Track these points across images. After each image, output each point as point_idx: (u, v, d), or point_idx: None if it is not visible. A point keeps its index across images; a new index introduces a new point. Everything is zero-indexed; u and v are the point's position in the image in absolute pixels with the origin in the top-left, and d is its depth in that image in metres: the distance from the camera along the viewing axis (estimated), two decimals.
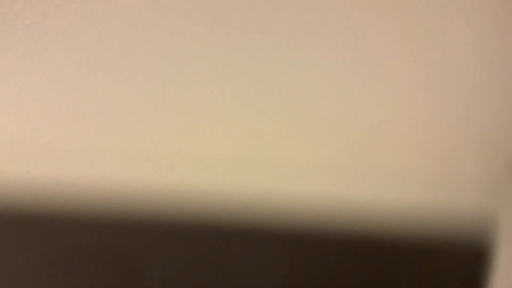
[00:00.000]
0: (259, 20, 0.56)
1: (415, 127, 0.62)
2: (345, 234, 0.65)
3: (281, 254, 0.65)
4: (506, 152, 0.63)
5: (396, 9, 0.57)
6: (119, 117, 0.59)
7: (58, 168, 0.61)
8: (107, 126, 0.59)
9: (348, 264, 0.67)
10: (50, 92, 0.57)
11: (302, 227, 0.65)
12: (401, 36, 0.58)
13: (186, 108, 0.59)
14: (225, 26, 0.56)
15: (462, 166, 0.64)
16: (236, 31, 0.57)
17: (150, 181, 0.62)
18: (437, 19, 0.58)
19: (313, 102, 0.60)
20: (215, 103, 0.59)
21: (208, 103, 0.59)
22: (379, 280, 0.67)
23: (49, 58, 0.56)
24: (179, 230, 0.64)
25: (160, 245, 0.64)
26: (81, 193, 0.61)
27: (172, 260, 0.65)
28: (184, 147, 0.61)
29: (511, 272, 0.64)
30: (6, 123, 0.58)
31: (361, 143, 0.62)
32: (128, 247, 0.64)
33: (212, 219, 0.64)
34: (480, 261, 0.66)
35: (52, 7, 0.54)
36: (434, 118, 0.62)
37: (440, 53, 0.59)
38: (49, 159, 0.60)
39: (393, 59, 0.59)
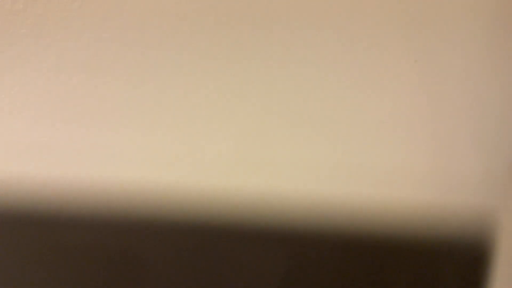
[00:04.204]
0: (259, 19, 0.56)
1: (415, 126, 0.62)
2: (345, 234, 0.65)
3: (281, 254, 0.65)
4: (506, 152, 0.63)
5: (396, 9, 0.57)
6: (119, 117, 0.59)
7: (58, 168, 0.60)
8: (107, 126, 0.59)
9: (347, 264, 0.66)
10: (50, 92, 0.57)
11: (301, 227, 0.65)
12: (401, 36, 0.58)
13: (186, 108, 0.59)
14: (225, 25, 0.56)
15: (462, 166, 0.64)
16: (236, 30, 0.57)
17: (150, 181, 0.62)
18: (437, 19, 0.58)
19: (313, 101, 0.60)
20: (215, 102, 0.59)
21: (208, 102, 0.59)
22: (378, 280, 0.67)
23: (49, 58, 0.56)
24: (179, 230, 0.64)
25: (160, 245, 0.64)
26: (81, 193, 0.61)
27: (172, 260, 0.65)
28: (183, 147, 0.61)
29: (511, 272, 0.64)
30: (6, 123, 0.58)
31: (361, 143, 0.62)
32: (128, 247, 0.64)
33: (212, 219, 0.64)
34: (480, 261, 0.66)
35: (52, 7, 0.54)
36: (434, 118, 0.62)
37: (440, 53, 0.59)
38: (49, 159, 0.60)
39: (393, 59, 0.59)
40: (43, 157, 0.60)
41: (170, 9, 0.55)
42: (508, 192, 0.65)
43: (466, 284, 0.67)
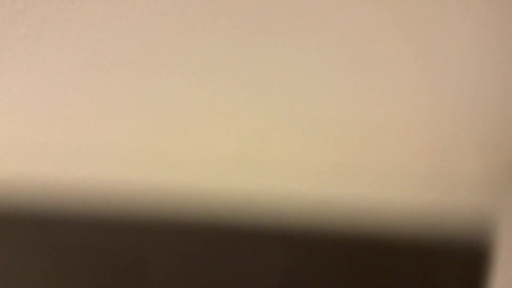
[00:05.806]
0: (259, 19, 0.56)
1: (415, 127, 0.62)
2: (345, 234, 0.65)
3: (281, 254, 0.65)
4: (506, 152, 0.63)
5: (396, 9, 0.57)
6: (119, 117, 0.59)
7: (58, 168, 0.60)
8: (107, 126, 0.59)
9: (347, 264, 0.67)
10: (50, 92, 0.57)
11: (301, 227, 0.65)
12: (401, 36, 0.58)
13: (186, 108, 0.59)
14: (225, 26, 0.56)
15: (462, 166, 0.64)
16: (235, 31, 0.57)
17: (150, 181, 0.62)
18: (437, 19, 0.58)
19: (313, 102, 0.60)
20: (215, 103, 0.59)
21: (208, 103, 0.59)
22: (378, 280, 0.67)
23: (49, 58, 0.56)
24: (179, 230, 0.64)
25: (160, 245, 0.64)
26: (81, 193, 0.61)
27: (172, 260, 0.65)
28: (184, 147, 0.61)
29: (511, 272, 0.64)
30: (6, 123, 0.58)
31: (361, 143, 0.62)
32: (128, 247, 0.64)
33: (212, 219, 0.64)
34: (480, 261, 0.66)
35: (52, 7, 0.54)
36: (434, 118, 0.62)
37: (440, 53, 0.59)
38: (49, 159, 0.60)
39: (393, 59, 0.59)
40: (43, 157, 0.60)
41: (170, 9, 0.55)
42: (508, 192, 0.65)
43: (466, 284, 0.67)
